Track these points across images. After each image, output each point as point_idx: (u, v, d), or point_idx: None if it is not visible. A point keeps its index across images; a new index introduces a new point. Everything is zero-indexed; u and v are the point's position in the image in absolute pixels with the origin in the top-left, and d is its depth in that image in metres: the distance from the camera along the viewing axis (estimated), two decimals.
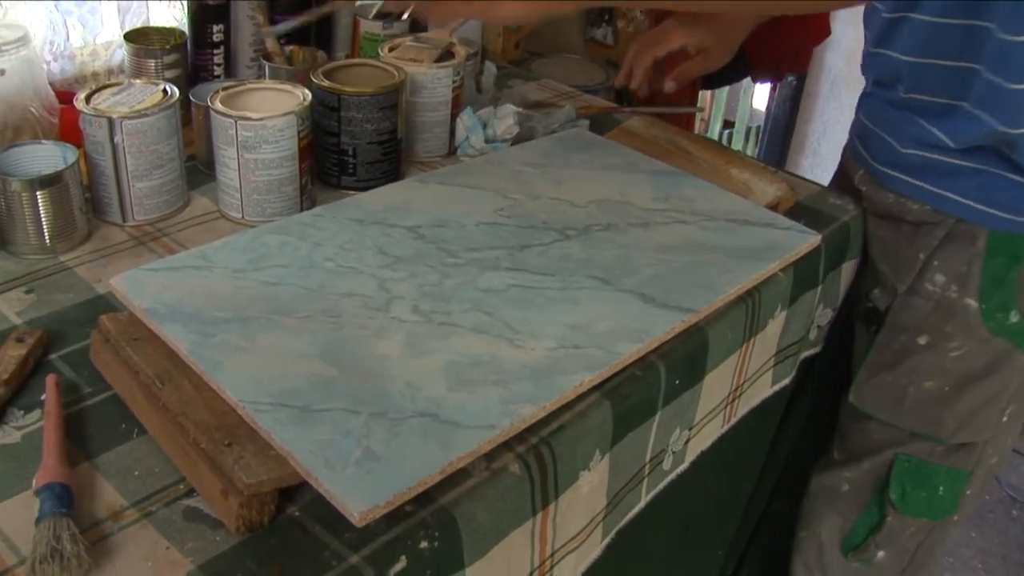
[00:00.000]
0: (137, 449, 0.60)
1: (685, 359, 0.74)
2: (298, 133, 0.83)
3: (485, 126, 0.99)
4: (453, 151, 1.01)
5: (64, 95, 0.91)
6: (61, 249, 0.79)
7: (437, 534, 0.55)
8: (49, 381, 0.63)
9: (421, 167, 0.99)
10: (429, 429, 0.58)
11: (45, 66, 0.97)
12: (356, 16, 1.11)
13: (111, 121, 0.79)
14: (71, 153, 0.79)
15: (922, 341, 0.90)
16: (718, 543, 1.10)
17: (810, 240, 0.86)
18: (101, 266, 0.78)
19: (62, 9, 0.98)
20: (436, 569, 0.56)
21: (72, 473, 0.56)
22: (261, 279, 0.71)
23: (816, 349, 1.01)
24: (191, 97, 0.90)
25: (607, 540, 0.75)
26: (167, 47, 0.95)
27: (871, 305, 0.96)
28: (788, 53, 1.56)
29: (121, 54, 1.05)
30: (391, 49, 0.99)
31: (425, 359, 0.64)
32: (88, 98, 0.81)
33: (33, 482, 0.55)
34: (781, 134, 2.28)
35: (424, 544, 0.55)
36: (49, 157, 0.80)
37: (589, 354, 0.67)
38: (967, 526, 1.77)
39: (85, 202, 0.81)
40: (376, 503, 0.52)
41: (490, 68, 1.12)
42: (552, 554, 0.67)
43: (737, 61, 1.18)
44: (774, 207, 0.93)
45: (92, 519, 0.54)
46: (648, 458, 0.76)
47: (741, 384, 0.86)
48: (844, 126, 1.07)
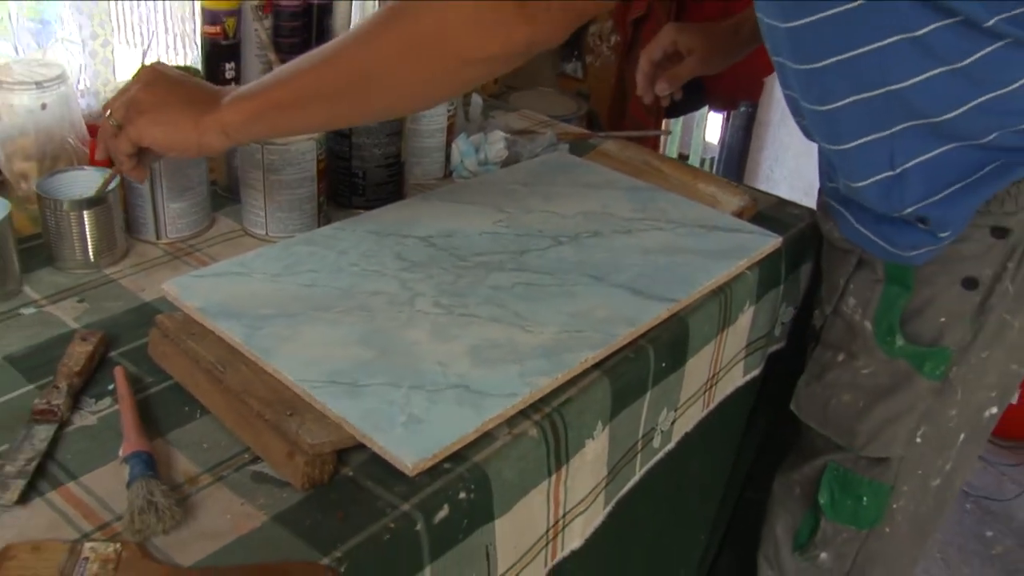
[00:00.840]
0: (202, 426, 0.68)
1: (669, 344, 0.84)
2: (317, 156, 0.92)
3: (477, 150, 1.10)
4: (448, 173, 1.11)
5: (92, 128, 0.99)
6: (104, 264, 0.87)
7: (473, 487, 0.64)
8: (118, 371, 0.71)
9: (420, 188, 1.08)
10: (463, 397, 0.67)
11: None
12: None
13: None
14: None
15: (839, 358, 0.96)
16: (701, 526, 1.19)
17: (772, 242, 0.97)
18: (143, 277, 0.86)
19: (89, 51, 1.07)
20: (472, 519, 0.65)
21: (152, 445, 0.64)
22: (297, 282, 0.80)
23: (781, 344, 1.11)
24: None
25: (609, 508, 0.84)
26: None
27: (813, 323, 1.04)
28: (742, 83, 1.69)
29: None
30: None
31: (451, 344, 0.73)
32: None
33: (119, 452, 0.63)
34: (736, 161, 2.41)
35: (463, 495, 0.63)
36: (90, 181, 0.88)
37: (590, 336, 0.77)
38: None
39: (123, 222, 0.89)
40: (424, 456, 0.61)
41: (476, 100, 1.23)
42: (564, 515, 0.76)
43: (696, 90, 1.28)
44: (739, 215, 1.04)
45: (172, 483, 0.62)
46: (641, 434, 0.86)
47: (717, 372, 0.97)
48: (795, 152, 1.12)
